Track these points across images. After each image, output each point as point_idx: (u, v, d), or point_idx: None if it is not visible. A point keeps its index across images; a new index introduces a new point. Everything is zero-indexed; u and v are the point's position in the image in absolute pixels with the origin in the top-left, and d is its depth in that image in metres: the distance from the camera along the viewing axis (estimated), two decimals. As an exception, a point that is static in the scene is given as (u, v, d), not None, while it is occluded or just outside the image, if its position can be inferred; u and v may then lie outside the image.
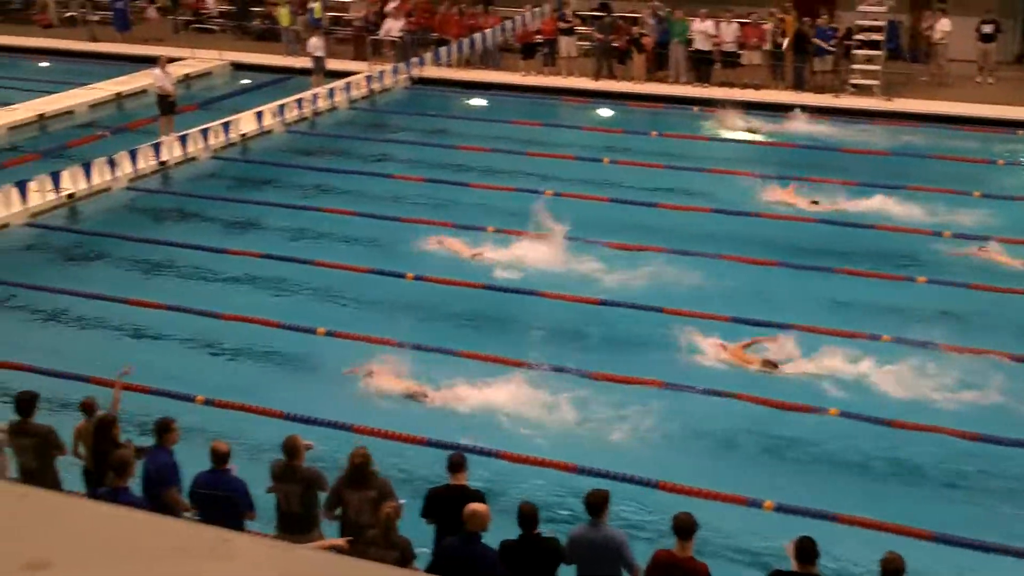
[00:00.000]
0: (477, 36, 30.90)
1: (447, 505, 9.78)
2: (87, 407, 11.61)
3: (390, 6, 32.66)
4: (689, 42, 29.31)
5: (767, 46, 29.18)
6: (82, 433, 11.56)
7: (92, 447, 11.19)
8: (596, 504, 9.40)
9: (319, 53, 29.70)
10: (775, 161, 24.28)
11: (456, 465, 10.10)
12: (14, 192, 20.51)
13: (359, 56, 32.46)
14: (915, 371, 14.84)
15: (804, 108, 27.15)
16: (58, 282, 18.24)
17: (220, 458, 10.31)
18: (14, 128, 27.22)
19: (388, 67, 29.96)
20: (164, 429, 10.74)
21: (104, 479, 10.34)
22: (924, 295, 17.50)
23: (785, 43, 28.75)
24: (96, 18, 36.20)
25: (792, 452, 13.47)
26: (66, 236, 20.79)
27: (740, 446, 13.62)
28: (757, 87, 28.99)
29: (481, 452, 12.85)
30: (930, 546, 11.39)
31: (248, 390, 14.63)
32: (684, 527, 9.11)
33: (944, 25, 28.70)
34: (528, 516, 9.44)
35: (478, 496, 9.67)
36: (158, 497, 10.46)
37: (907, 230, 20.02)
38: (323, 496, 10.39)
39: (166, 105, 25.42)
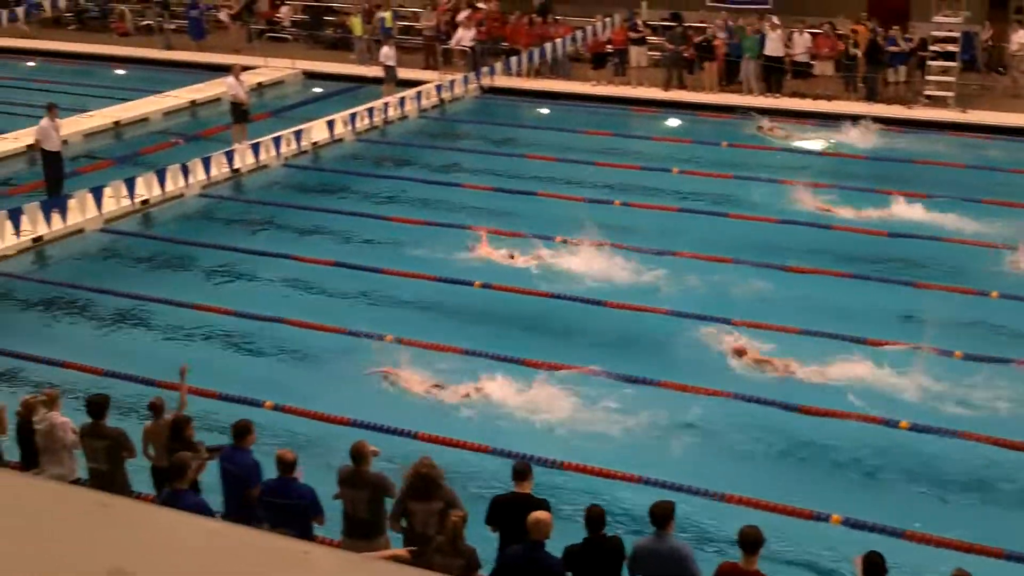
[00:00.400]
0: (547, 46, 30.94)
1: (511, 513, 9.79)
2: (155, 407, 11.78)
3: (461, 16, 32.82)
4: (760, 54, 29.15)
5: (838, 56, 28.94)
6: (151, 433, 11.73)
7: (166, 447, 11.34)
8: (662, 515, 9.36)
9: (390, 62, 29.89)
10: (847, 173, 24.07)
11: (521, 473, 10.11)
12: (89, 198, 20.82)
13: (430, 65, 32.66)
14: (985, 386, 14.64)
15: (876, 119, 26.90)
16: (131, 287, 18.49)
17: (287, 466, 10.38)
18: (90, 135, 27.65)
19: (458, 76, 30.08)
20: (244, 431, 10.88)
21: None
22: (997, 310, 17.27)
23: (859, 53, 28.50)
24: (172, 27, 36.69)
25: (859, 465, 13.33)
26: (140, 242, 21.08)
27: (806, 459, 13.52)
28: (829, 98, 28.75)
29: (543, 463, 12.85)
30: (1000, 563, 11.24)
31: (314, 396, 14.73)
32: (750, 541, 9.05)
33: (1021, 37, 28.31)
34: (596, 518, 9.47)
35: (543, 505, 9.67)
36: (241, 496, 10.57)
37: (979, 244, 19.75)
38: (390, 502, 10.44)
39: (239, 113, 25.71)
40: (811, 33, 29.13)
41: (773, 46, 29.00)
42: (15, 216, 19.32)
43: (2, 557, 2.53)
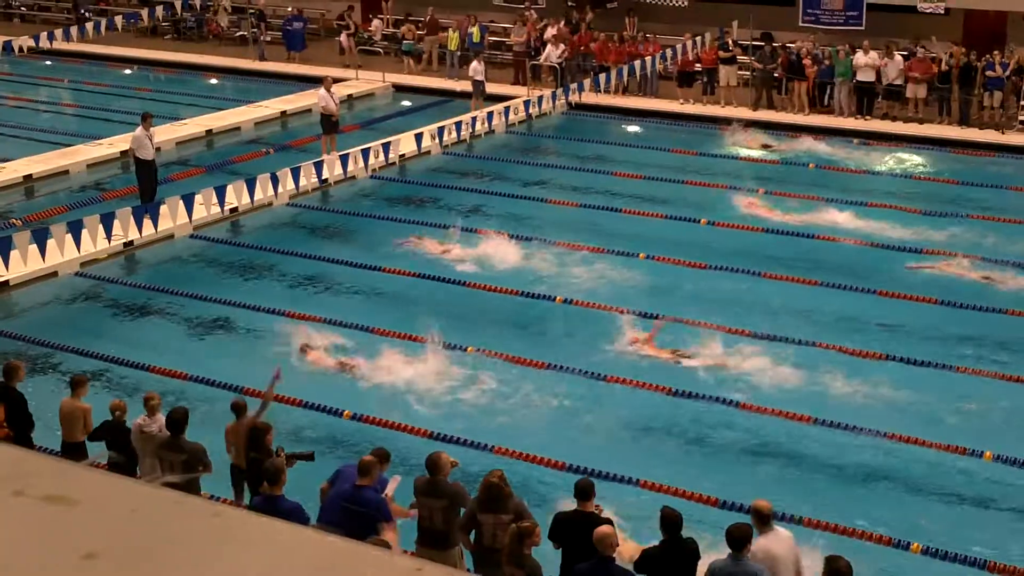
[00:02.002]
0: (636, 63, 30.89)
1: (574, 530, 9.85)
2: (238, 407, 11.92)
3: (549, 33, 32.89)
4: (853, 75, 28.89)
5: (931, 79, 28.57)
6: (231, 433, 11.87)
7: (244, 454, 11.48)
8: (740, 539, 9.27)
9: (479, 77, 30.03)
10: (940, 198, 23.79)
11: (584, 492, 10.10)
12: (180, 204, 21.15)
13: (518, 81, 32.80)
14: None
15: (969, 144, 26.65)
16: (218, 292, 18.76)
17: (362, 473, 10.49)
18: (183, 142, 28.08)
19: (546, 92, 30.13)
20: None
21: (260, 487, 10.61)
22: None
23: (952, 76, 28.15)
24: (267, 38, 37.13)
25: (942, 493, 13.17)
26: (228, 248, 21.36)
27: (886, 483, 13.36)
28: (920, 121, 28.43)
29: (622, 479, 12.86)
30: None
31: (392, 407, 14.84)
32: (841, 573, 8.90)
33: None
34: (674, 521, 9.52)
35: (605, 522, 9.65)
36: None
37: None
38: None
39: (329, 124, 25.96)
40: (903, 56, 28.78)
41: (865, 72, 28.72)
42: (107, 221, 19.66)
43: (120, 570, 2.57)
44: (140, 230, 20.40)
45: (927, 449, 13.77)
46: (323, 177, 23.94)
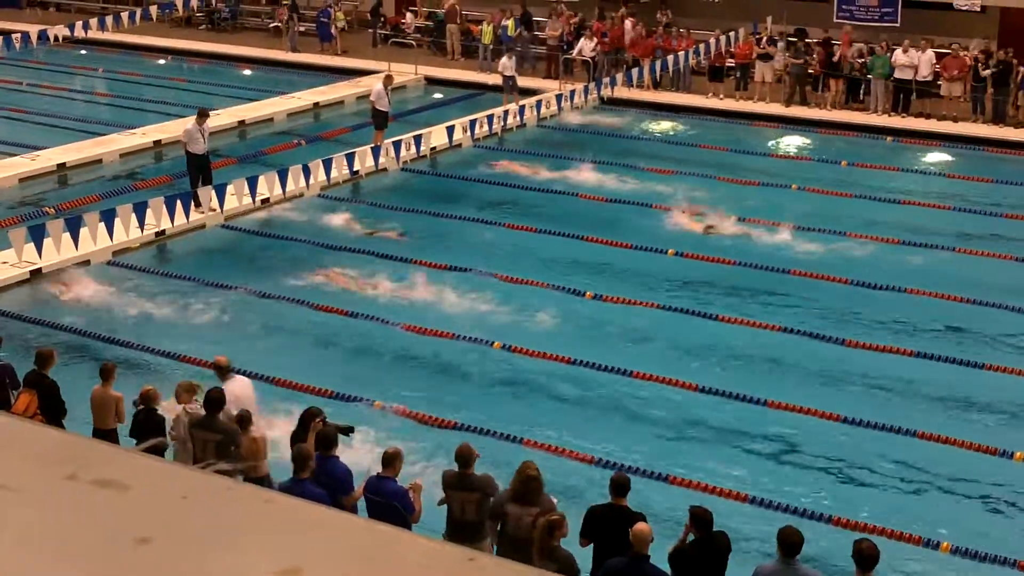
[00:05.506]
0: (669, 58, 30.80)
1: (608, 524, 9.81)
2: (243, 419, 11.82)
3: (597, 26, 32.82)
4: (890, 74, 28.75)
5: (965, 77, 28.41)
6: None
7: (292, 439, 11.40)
8: (792, 544, 9.13)
9: (508, 73, 29.92)
10: (972, 195, 23.73)
11: (621, 487, 10.06)
12: (212, 195, 21.20)
13: (551, 75, 32.77)
14: None
15: (1004, 143, 26.54)
16: (247, 283, 18.79)
17: (386, 463, 10.53)
18: (215, 133, 27.97)
19: (579, 87, 30.04)
20: (333, 442, 11.01)
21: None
22: None
23: (986, 74, 27.97)
24: (301, 28, 37.19)
25: (979, 495, 13.12)
26: (258, 239, 21.40)
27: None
28: (955, 119, 28.27)
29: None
30: None
31: (421, 398, 14.87)
32: (867, 556, 8.86)
33: None
34: (706, 518, 9.50)
35: (640, 518, 9.63)
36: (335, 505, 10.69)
37: None
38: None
39: (381, 119, 25.91)
40: (938, 53, 28.61)
41: (903, 70, 28.55)
42: (140, 210, 19.73)
43: (174, 555, 2.57)
44: (172, 220, 20.47)
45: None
46: (354, 169, 23.94)
